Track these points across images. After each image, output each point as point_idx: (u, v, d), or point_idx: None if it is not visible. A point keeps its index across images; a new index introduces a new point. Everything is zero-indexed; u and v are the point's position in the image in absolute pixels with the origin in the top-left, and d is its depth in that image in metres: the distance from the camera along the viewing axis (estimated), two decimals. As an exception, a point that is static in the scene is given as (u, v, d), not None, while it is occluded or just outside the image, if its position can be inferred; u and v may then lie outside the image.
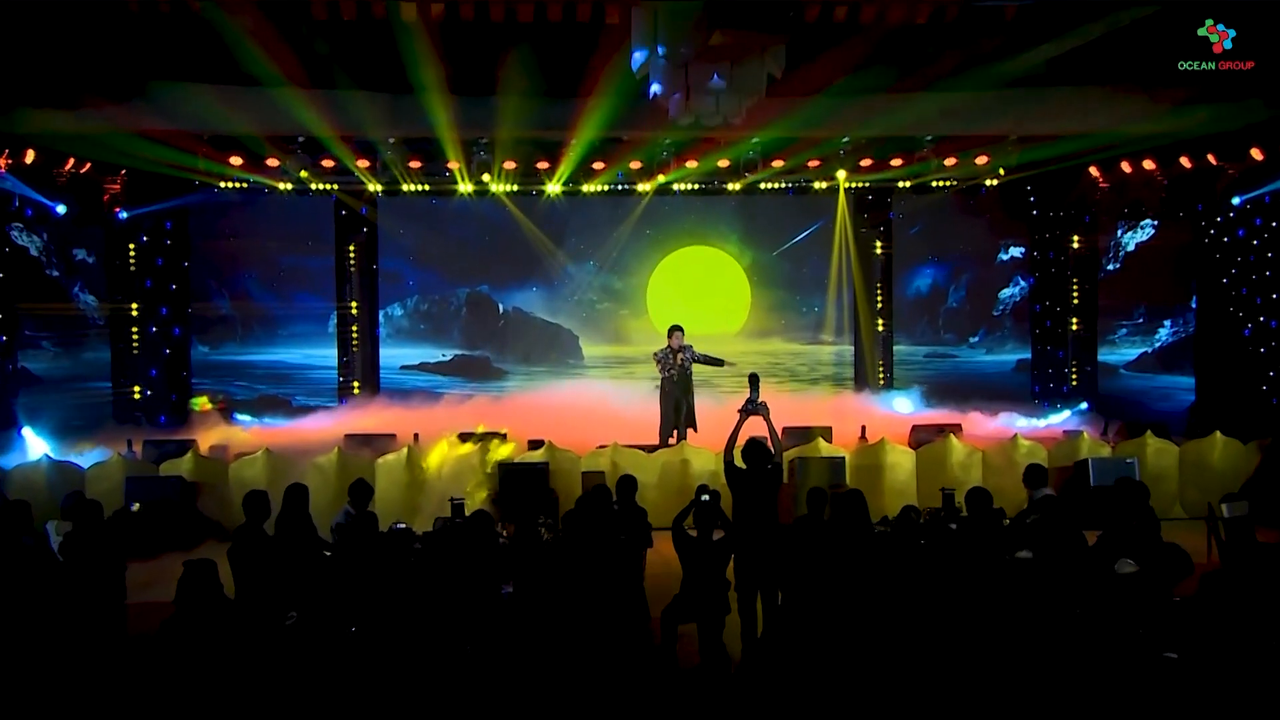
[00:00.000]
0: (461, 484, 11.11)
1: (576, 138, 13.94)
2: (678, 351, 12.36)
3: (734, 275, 17.29)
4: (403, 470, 11.17)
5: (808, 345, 17.45)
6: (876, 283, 17.33)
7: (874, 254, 17.40)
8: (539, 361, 17.05)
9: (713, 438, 11.48)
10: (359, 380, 16.60)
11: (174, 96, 11.89)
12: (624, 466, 11.07)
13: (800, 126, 13.09)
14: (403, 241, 16.70)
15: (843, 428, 12.75)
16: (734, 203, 16.73)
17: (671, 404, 12.40)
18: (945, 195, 16.49)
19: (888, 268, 17.27)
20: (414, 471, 11.18)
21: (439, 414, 14.35)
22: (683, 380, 12.34)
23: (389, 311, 17.01)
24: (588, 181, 15.46)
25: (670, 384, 12.44)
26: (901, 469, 11.45)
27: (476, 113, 12.93)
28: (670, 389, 12.42)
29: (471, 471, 11.19)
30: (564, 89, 11.69)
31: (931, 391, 16.28)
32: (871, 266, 17.38)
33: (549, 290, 17.15)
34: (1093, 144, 13.39)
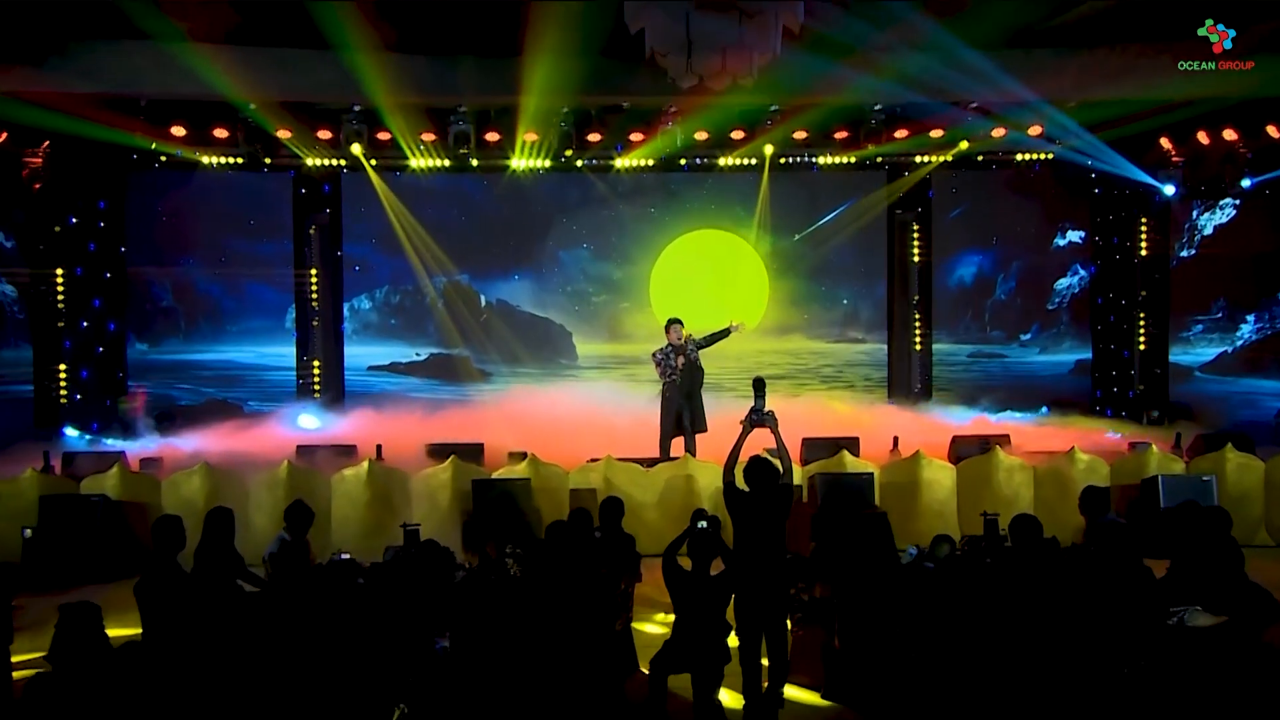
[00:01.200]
0: (433, 503, 11.17)
1: (566, 102, 13.93)
2: (679, 350, 12.15)
3: (750, 263, 17.16)
4: (363, 487, 11.21)
5: (834, 344, 17.35)
6: (914, 273, 17.30)
7: (910, 239, 17.31)
8: (526, 361, 16.92)
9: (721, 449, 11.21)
10: (320, 383, 16.63)
11: (99, 56, 11.78)
12: (618, 484, 11.16)
13: (822, 89, 13.07)
14: (371, 224, 16.58)
15: (872, 439, 12.77)
16: (749, 179, 16.61)
17: (673, 412, 12.25)
18: (993, 172, 16.55)
19: (926, 255, 17.19)
20: (376, 489, 11.19)
21: (410, 422, 14.39)
22: (688, 381, 12.20)
23: (355, 304, 16.94)
24: (581, 155, 15.44)
25: (673, 389, 12.26)
26: (939, 487, 11.42)
27: (448, 76, 12.95)
28: (673, 394, 12.26)
29: (442, 488, 11.21)
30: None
31: (976, 397, 16.27)
32: (907, 253, 17.31)
33: (538, 280, 17.06)
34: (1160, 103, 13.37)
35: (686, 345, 12.22)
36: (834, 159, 15.99)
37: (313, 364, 16.59)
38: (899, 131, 15.09)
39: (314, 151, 15.34)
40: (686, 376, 12.22)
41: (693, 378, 12.26)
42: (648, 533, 10.67)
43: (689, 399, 12.24)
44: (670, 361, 12.16)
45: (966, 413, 15.66)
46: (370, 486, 11.15)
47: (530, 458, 11.28)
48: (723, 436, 10.94)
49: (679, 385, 12.19)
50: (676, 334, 12.21)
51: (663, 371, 12.26)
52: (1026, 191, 16.91)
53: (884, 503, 11.01)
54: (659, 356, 12.31)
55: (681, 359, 12.12)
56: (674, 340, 12.18)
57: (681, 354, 12.14)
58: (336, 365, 16.63)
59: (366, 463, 11.34)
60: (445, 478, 11.22)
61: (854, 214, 16.86)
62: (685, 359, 12.14)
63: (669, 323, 12.40)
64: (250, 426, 14.74)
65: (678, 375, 12.17)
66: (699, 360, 12.33)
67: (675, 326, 12.25)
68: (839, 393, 16.89)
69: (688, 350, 12.22)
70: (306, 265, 16.51)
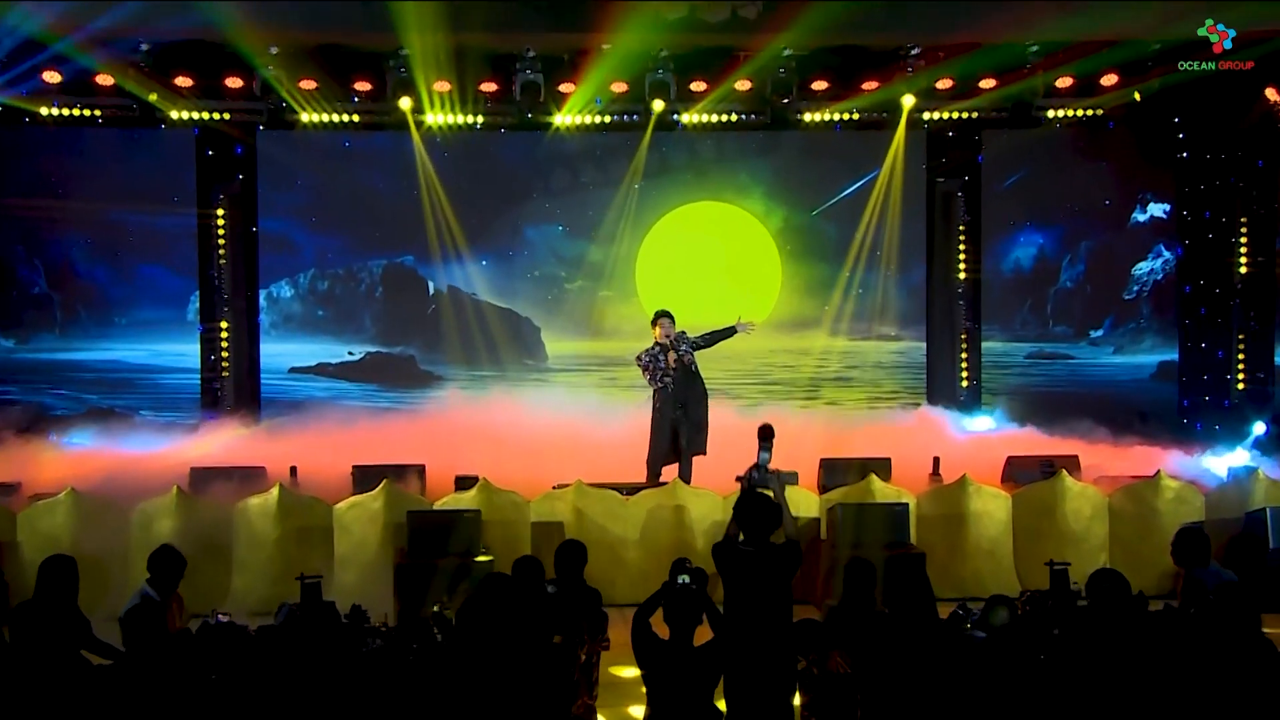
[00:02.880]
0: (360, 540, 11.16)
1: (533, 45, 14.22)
2: (669, 348, 12.17)
3: (758, 243, 17.09)
4: (271, 521, 11.23)
5: (860, 341, 17.24)
6: (959, 254, 17.22)
7: (955, 213, 17.19)
8: (484, 363, 16.78)
9: (721, 476, 11.35)
10: (231, 388, 16.59)
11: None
12: (592, 515, 11.29)
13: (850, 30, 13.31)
14: (295, 194, 16.57)
15: (907, 460, 12.77)
16: (759, 141, 16.65)
17: (667, 428, 12.28)
18: (1057, 131, 16.43)
19: (974, 232, 17.15)
20: (288, 523, 11.23)
21: (338, 437, 14.28)
22: (683, 387, 12.26)
23: (274, 292, 16.82)
24: (553, 111, 15.46)
25: (663, 397, 12.28)
26: (991, 521, 11.49)
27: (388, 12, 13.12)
28: (664, 404, 12.27)
29: (371, 521, 11.22)
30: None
31: (1035, 408, 16.11)
32: (952, 231, 17.21)
33: (500, 263, 16.97)
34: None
35: (678, 344, 12.25)
36: (862, 115, 15.98)
37: (221, 365, 16.50)
38: (941, 81, 15.13)
39: (222, 104, 15.25)
40: (681, 383, 12.21)
41: (689, 386, 12.29)
42: (627, 578, 10.93)
43: (685, 411, 12.26)
44: (660, 362, 12.16)
45: (1023, 428, 15.60)
46: (281, 520, 11.12)
47: (482, 483, 11.22)
48: (722, 461, 11.29)
49: (672, 393, 12.21)
50: (665, 329, 12.23)
51: (651, 376, 12.29)
52: (1098, 154, 16.82)
53: (922, 540, 11.04)
54: (645, 359, 12.34)
55: (672, 356, 12.14)
56: (663, 337, 12.21)
57: (672, 354, 12.18)
58: (250, 367, 16.59)
59: (276, 489, 11.28)
60: (375, 508, 11.17)
61: (886, 183, 16.69)
62: (677, 357, 12.16)
63: (656, 316, 12.42)
64: (142, 442, 14.60)
65: (670, 378, 12.18)
66: (695, 365, 12.36)
67: (663, 321, 12.27)
68: (866, 402, 16.95)
69: (679, 349, 12.23)
70: (213, 244, 16.40)
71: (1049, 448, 13.85)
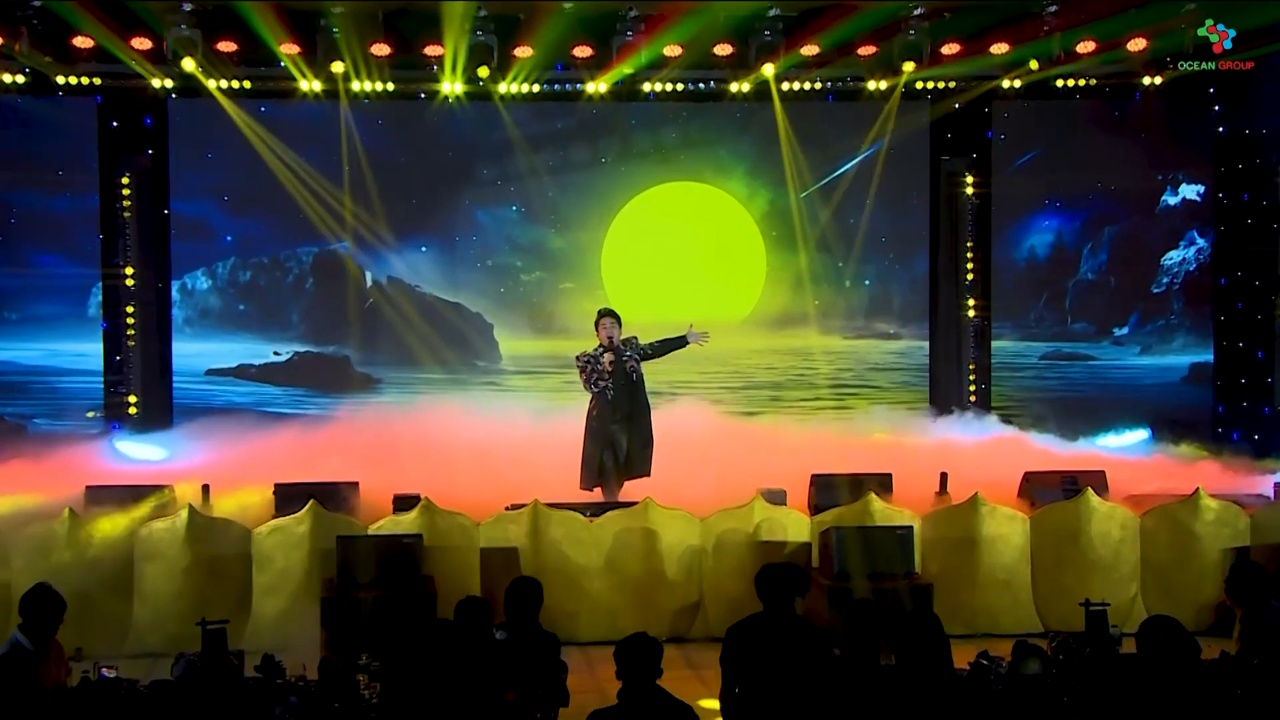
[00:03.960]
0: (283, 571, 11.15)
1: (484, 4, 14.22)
2: (608, 350, 12.45)
3: (740, 229, 17.18)
4: (180, 548, 11.12)
5: (855, 340, 17.38)
6: (966, 241, 17.24)
7: (962, 195, 17.21)
8: (428, 364, 16.77)
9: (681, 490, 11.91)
10: (138, 393, 16.40)
11: None
12: (551, 540, 11.26)
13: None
14: (213, 172, 16.51)
15: (910, 474, 12.77)
16: (740, 113, 16.73)
17: (602, 436, 12.51)
18: (1077, 102, 16.51)
19: (983, 217, 17.17)
20: (199, 550, 11.12)
21: (260, 450, 14.23)
22: (626, 397, 12.51)
23: (189, 283, 16.76)
24: (506, 79, 15.45)
25: (602, 405, 12.49)
26: (1007, 546, 11.47)
27: None
28: (603, 413, 12.49)
29: (295, 548, 11.19)
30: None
31: (1052, 416, 16.24)
32: (959, 215, 17.25)
33: (446, 251, 17.03)
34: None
35: (623, 350, 12.49)
36: (857, 85, 15.99)
37: (127, 367, 16.36)
38: (946, 45, 15.07)
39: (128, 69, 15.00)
40: (623, 390, 12.45)
41: (632, 396, 12.54)
42: (590, 612, 11.01)
43: (630, 424, 12.50)
44: (597, 366, 12.43)
45: (1040, 437, 15.63)
46: (191, 547, 10.96)
47: (425, 503, 11.14)
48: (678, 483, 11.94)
49: (612, 401, 12.46)
50: (607, 330, 12.46)
51: (587, 379, 12.52)
52: (1124, 130, 16.78)
53: (927, 568, 11.03)
54: (583, 360, 12.58)
55: (609, 358, 12.37)
56: (605, 338, 12.47)
57: (611, 357, 12.43)
58: (161, 369, 16.50)
59: (186, 511, 11.11)
60: (300, 533, 11.10)
61: (884, 161, 16.75)
62: (617, 360, 12.39)
63: (600, 315, 12.66)
64: (35, 456, 14.23)
65: (609, 383, 12.39)
66: (640, 375, 12.59)
67: (605, 321, 12.55)
68: (863, 409, 16.91)
69: (623, 355, 12.48)
70: (119, 229, 16.21)
71: (1070, 462, 13.79)
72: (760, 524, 11.18)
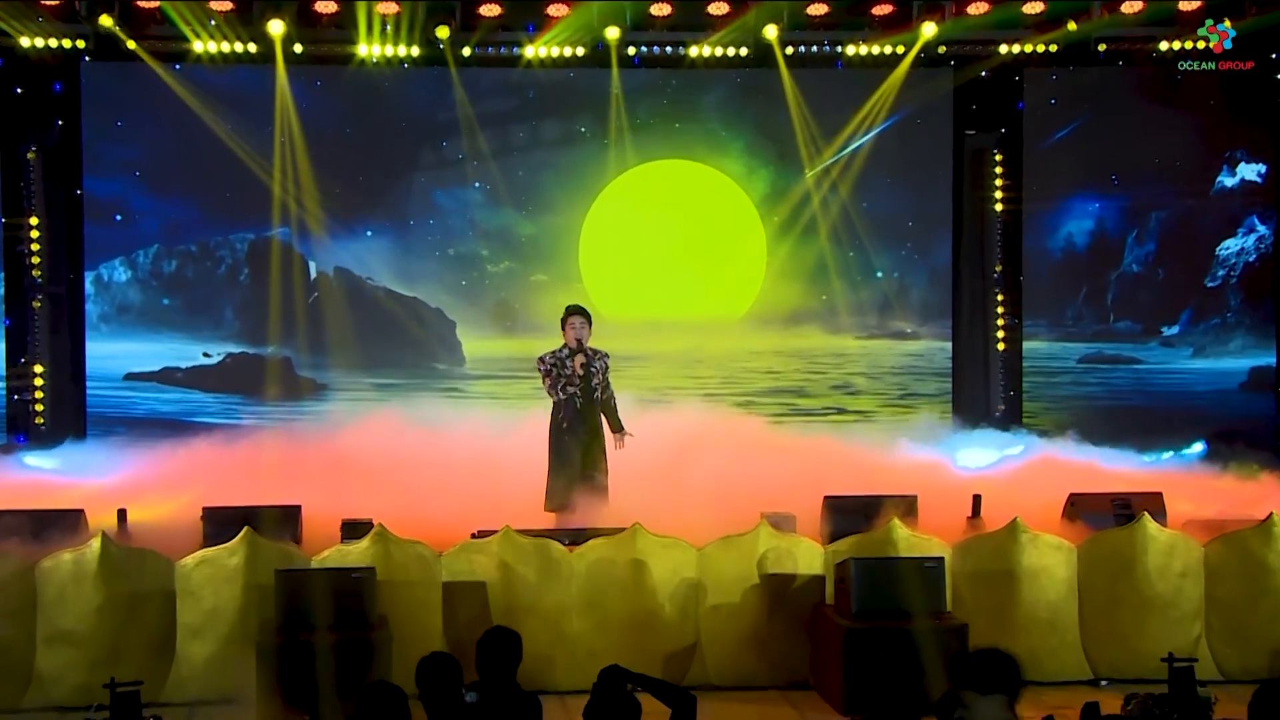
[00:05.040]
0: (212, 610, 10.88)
1: None
2: (577, 353, 12.65)
3: (737, 213, 17.21)
4: (91, 584, 10.75)
5: (869, 340, 17.40)
6: (994, 228, 17.29)
7: (990, 176, 17.27)
8: (381, 366, 16.97)
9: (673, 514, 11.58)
10: (46, 401, 16.38)
11: None
12: (523, 573, 11.03)
13: None
14: (133, 146, 16.52)
15: (936, 496, 12.59)
16: (737, 81, 16.81)
17: (574, 450, 12.61)
18: (1120, 70, 16.62)
19: (1014, 201, 17.19)
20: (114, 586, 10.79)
21: (185, 467, 14.15)
22: (591, 405, 12.69)
23: (105, 274, 16.71)
24: (470, 41, 15.67)
25: (569, 413, 12.65)
26: (1051, 580, 11.15)
27: None
28: (571, 421, 12.65)
29: (227, 583, 10.95)
30: None
31: (1095, 426, 16.22)
32: (985, 198, 17.30)
33: (402, 237, 17.09)
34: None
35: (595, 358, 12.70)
36: (870, 48, 16.06)
37: (33, 369, 16.35)
38: (973, 4, 15.31)
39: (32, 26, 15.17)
40: (590, 398, 12.64)
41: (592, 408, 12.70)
42: (569, 656, 10.75)
43: (597, 435, 12.73)
44: (565, 367, 12.60)
45: (1081, 452, 15.50)
46: (105, 581, 10.56)
47: (378, 530, 10.86)
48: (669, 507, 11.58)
49: (581, 409, 12.62)
50: (576, 330, 12.65)
51: (552, 384, 12.69)
52: (1173, 101, 16.78)
53: (959, 606, 10.72)
54: (548, 362, 12.74)
55: (580, 360, 12.54)
56: (572, 339, 12.65)
57: (580, 355, 12.60)
58: (73, 373, 16.47)
59: (99, 540, 10.72)
60: (233, 565, 10.75)
61: (901, 135, 16.79)
62: (586, 364, 12.60)
63: (568, 312, 12.80)
64: None
65: (576, 388, 12.56)
66: (606, 380, 12.79)
67: (576, 319, 12.72)
68: (878, 419, 16.99)
69: (592, 362, 12.69)
70: (23, 211, 16.26)
71: (1116, 481, 13.66)
72: (766, 554, 10.89)
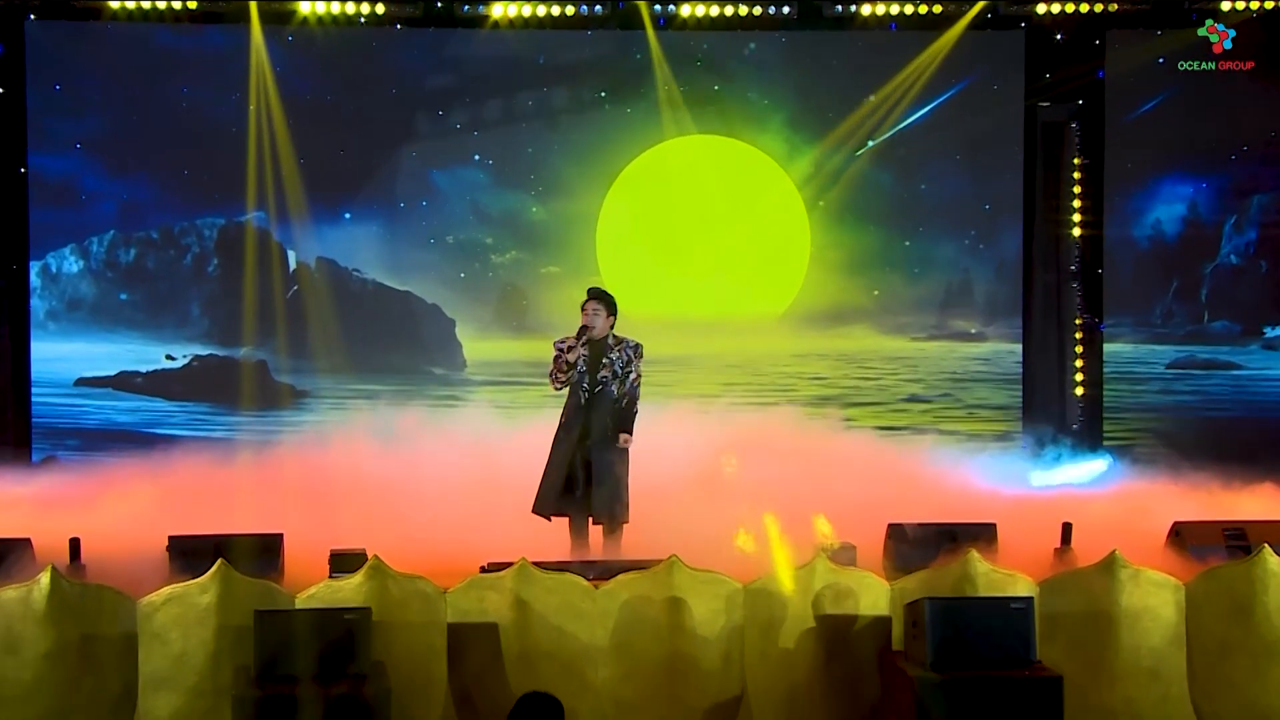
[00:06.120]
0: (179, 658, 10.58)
1: None
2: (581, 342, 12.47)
3: (777, 196, 17.30)
4: (38, 625, 10.36)
5: (927, 342, 17.57)
6: (1071, 214, 17.36)
7: (1067, 156, 17.43)
8: (370, 371, 17.06)
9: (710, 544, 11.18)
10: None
11: None
12: (542, 612, 10.63)
13: None
14: (85, 118, 16.74)
15: (1013, 523, 12.38)
16: (780, 46, 16.97)
17: (565, 455, 12.47)
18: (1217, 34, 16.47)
19: (1094, 183, 17.32)
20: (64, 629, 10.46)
21: (147, 489, 13.91)
22: (599, 401, 12.47)
23: (53, 264, 16.95)
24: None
25: (572, 412, 12.53)
26: (1156, 622, 10.69)
27: None
28: (571, 420, 12.54)
29: (197, 625, 10.64)
30: None
31: (1188, 440, 16.40)
32: (1061, 180, 17.41)
33: (394, 223, 17.23)
34: None
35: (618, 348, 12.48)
36: (930, 8, 16.43)
37: None
38: None
39: None
40: (597, 400, 12.43)
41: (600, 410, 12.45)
42: (594, 708, 10.45)
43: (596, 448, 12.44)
44: (567, 358, 12.54)
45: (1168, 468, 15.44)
46: (54, 622, 10.16)
47: (373, 563, 10.45)
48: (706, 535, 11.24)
49: (585, 408, 12.45)
50: (590, 315, 12.49)
51: (552, 372, 12.59)
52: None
53: (1055, 648, 10.36)
54: (557, 347, 12.62)
55: (583, 350, 12.37)
56: (589, 324, 12.49)
57: (580, 348, 12.41)
58: (14, 377, 16.66)
59: (48, 574, 10.39)
60: (205, 604, 10.39)
61: (964, 108, 17.00)
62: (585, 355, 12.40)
63: (589, 295, 12.59)
64: None
65: (585, 381, 12.43)
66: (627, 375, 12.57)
67: (589, 305, 12.55)
68: (940, 432, 17.06)
69: (617, 352, 12.47)
70: None
71: (1218, 506, 13.45)
72: (823, 591, 10.56)
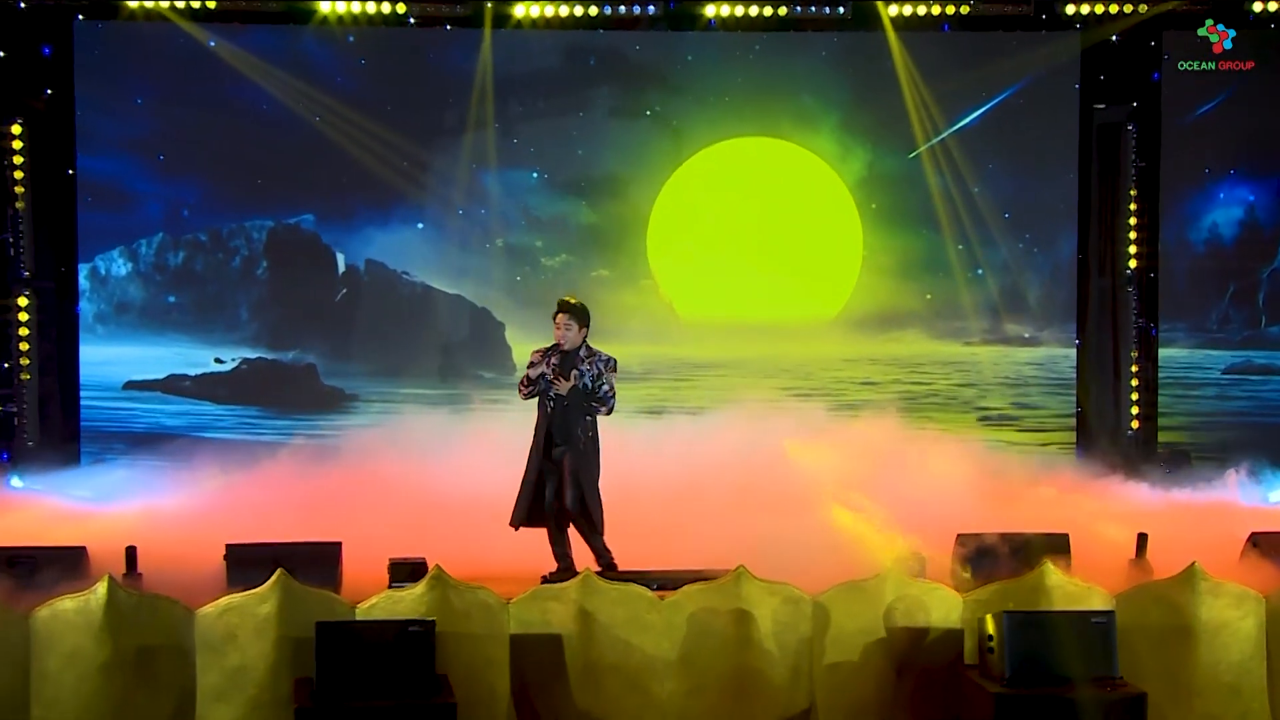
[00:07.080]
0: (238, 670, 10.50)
1: None
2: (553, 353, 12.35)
3: (829, 199, 17.28)
4: (95, 638, 10.36)
5: (980, 347, 17.51)
6: (1127, 218, 17.25)
7: (1123, 157, 17.28)
8: (421, 376, 16.99)
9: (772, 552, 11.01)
10: (32, 414, 16.46)
11: None
12: (607, 623, 10.72)
13: None
14: (134, 119, 16.58)
15: (1090, 531, 12.40)
16: (833, 48, 16.92)
17: (534, 467, 12.41)
18: (1275, 34, 16.65)
19: (1150, 186, 17.21)
20: (121, 641, 10.40)
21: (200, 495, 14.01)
22: (570, 420, 12.35)
23: (102, 267, 16.84)
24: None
25: (541, 418, 12.45)
26: (1235, 636, 10.69)
27: None
28: (538, 425, 12.45)
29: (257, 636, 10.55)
30: None
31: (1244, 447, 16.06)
32: (1118, 183, 17.27)
33: (442, 226, 17.08)
34: None
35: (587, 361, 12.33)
36: (983, 8, 16.36)
37: (19, 379, 16.43)
38: None
39: None
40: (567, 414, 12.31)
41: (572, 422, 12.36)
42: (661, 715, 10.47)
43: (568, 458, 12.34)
44: (541, 371, 12.45)
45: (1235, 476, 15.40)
46: (111, 634, 10.16)
47: (435, 573, 10.39)
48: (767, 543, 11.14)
49: (554, 418, 12.38)
50: (562, 329, 12.38)
51: (524, 381, 12.51)
52: None
53: (1135, 663, 10.26)
54: (533, 361, 12.53)
55: (553, 362, 12.27)
56: (561, 337, 12.38)
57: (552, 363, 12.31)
58: (63, 381, 16.60)
59: (104, 584, 10.32)
60: (264, 614, 10.35)
61: (1019, 110, 16.98)
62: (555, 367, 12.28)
63: (559, 307, 12.46)
64: None
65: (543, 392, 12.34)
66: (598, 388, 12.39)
67: (558, 317, 12.42)
68: (996, 438, 16.93)
69: (586, 366, 12.35)
70: (7, 194, 16.34)
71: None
72: (894, 604, 10.45)
